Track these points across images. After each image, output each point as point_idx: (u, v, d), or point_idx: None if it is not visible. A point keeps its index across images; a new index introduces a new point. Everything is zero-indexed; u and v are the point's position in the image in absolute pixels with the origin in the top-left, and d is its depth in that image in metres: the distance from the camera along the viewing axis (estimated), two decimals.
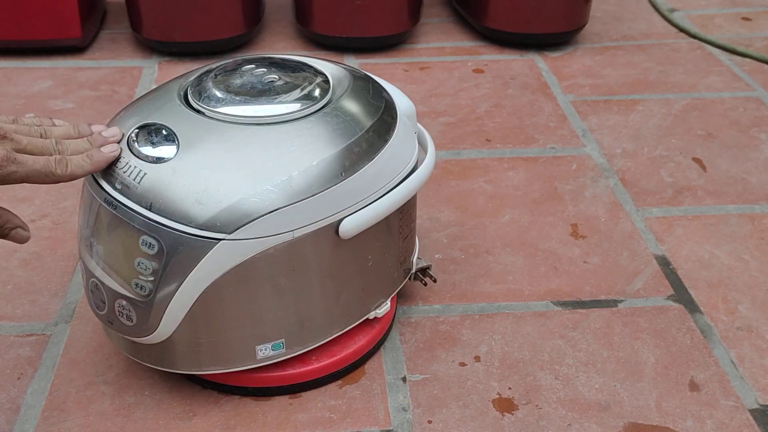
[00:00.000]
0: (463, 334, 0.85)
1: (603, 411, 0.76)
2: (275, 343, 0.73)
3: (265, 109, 0.70)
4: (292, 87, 0.73)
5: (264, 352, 0.73)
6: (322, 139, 0.69)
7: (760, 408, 0.77)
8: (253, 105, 0.71)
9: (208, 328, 0.70)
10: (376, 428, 0.74)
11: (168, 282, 0.66)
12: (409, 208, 0.79)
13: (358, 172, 0.69)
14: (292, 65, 0.77)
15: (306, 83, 0.73)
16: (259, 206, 0.65)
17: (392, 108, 0.77)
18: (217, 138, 0.68)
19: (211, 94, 0.72)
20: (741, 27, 1.59)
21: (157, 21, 1.40)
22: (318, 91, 0.73)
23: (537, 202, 1.06)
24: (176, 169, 0.66)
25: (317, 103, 0.72)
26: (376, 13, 1.41)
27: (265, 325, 0.72)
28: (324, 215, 0.68)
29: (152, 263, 0.66)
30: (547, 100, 1.31)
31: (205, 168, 0.66)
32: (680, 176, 1.12)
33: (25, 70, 1.38)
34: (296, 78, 0.74)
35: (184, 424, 0.74)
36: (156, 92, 0.76)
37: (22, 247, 0.96)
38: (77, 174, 0.65)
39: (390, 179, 0.73)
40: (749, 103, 1.30)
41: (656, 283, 0.92)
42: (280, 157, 0.67)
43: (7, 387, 0.78)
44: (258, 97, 0.71)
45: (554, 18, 1.45)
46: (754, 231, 1.01)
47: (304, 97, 0.72)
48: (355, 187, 0.69)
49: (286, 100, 0.71)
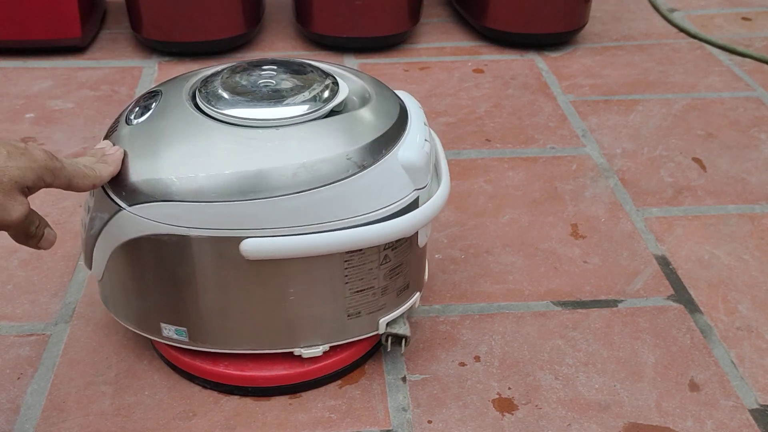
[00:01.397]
0: (463, 334, 0.85)
1: (603, 411, 0.76)
2: (178, 329, 0.74)
3: (274, 112, 0.70)
4: (300, 90, 0.72)
5: (167, 332, 0.75)
6: (266, 156, 0.67)
7: (760, 408, 0.77)
8: (261, 107, 0.70)
9: (117, 287, 0.75)
10: (376, 428, 0.74)
11: (92, 231, 0.72)
12: (370, 261, 0.71)
13: (270, 198, 0.66)
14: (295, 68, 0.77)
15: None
16: (156, 192, 0.67)
17: (378, 144, 0.70)
18: (187, 130, 0.70)
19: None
20: (741, 27, 1.59)
21: (157, 21, 1.40)
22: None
23: (537, 202, 1.06)
24: (133, 132, 0.71)
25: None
26: (376, 13, 1.41)
27: (164, 307, 0.74)
28: (225, 226, 0.67)
29: (89, 204, 0.73)
30: (547, 100, 1.31)
31: (154, 141, 0.70)
32: (680, 176, 1.12)
33: (25, 70, 1.38)
34: (306, 81, 0.73)
35: (184, 424, 0.74)
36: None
37: (22, 247, 0.96)
38: (105, 175, 0.68)
39: (339, 218, 0.68)
40: (749, 103, 1.30)
41: (656, 283, 0.92)
42: (218, 155, 0.68)
43: (7, 387, 0.78)
44: (265, 99, 0.71)
45: (554, 18, 1.45)
46: (754, 231, 1.01)
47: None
48: (265, 211, 0.66)
49: (293, 102, 0.71)
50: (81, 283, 0.91)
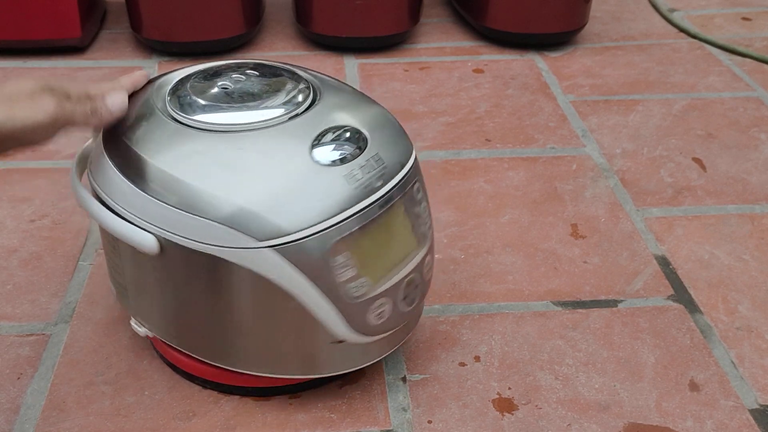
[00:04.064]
0: (463, 334, 0.85)
1: (603, 411, 0.76)
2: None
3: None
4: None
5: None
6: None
7: (760, 408, 0.77)
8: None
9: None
10: (376, 428, 0.74)
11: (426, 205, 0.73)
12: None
13: None
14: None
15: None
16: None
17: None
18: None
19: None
20: (741, 27, 1.59)
21: (157, 21, 1.40)
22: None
23: (537, 202, 1.06)
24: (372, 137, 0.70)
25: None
26: (376, 13, 1.41)
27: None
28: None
29: (424, 202, 0.73)
30: (547, 100, 1.31)
31: None
32: (680, 176, 1.12)
33: (25, 70, 1.38)
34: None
35: (184, 424, 0.74)
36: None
37: (22, 247, 0.96)
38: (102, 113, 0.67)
39: None
40: (749, 103, 1.30)
41: (656, 283, 0.92)
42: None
43: (7, 387, 0.78)
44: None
45: (554, 18, 1.45)
46: (754, 231, 1.01)
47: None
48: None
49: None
50: (81, 283, 0.91)
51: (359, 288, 0.67)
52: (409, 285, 0.71)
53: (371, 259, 0.68)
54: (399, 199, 0.69)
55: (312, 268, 0.65)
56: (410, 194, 0.70)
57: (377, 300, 0.69)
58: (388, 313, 0.70)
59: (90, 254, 0.95)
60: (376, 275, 0.68)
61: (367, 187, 0.66)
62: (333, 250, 0.65)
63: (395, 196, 0.68)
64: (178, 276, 0.70)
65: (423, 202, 0.72)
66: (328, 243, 0.65)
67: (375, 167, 0.67)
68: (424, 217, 0.72)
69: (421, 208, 0.72)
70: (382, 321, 0.70)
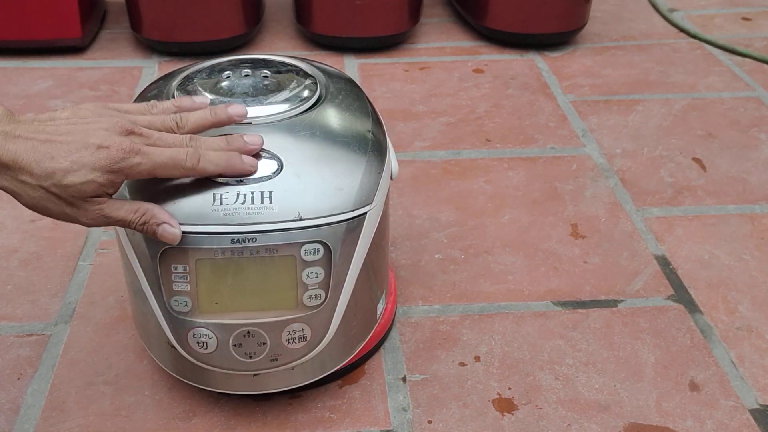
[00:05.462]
0: (463, 334, 0.85)
1: (603, 411, 0.76)
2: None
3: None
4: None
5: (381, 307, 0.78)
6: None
7: (760, 408, 0.77)
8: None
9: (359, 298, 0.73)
10: (376, 428, 0.74)
11: (338, 275, 0.68)
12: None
13: None
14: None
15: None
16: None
17: None
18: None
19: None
20: (741, 27, 1.59)
21: (157, 21, 1.40)
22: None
23: (537, 202, 1.06)
24: (299, 173, 0.66)
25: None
26: (376, 13, 1.41)
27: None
28: None
29: (319, 267, 0.67)
30: (547, 100, 1.31)
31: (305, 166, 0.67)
32: (680, 176, 1.12)
33: (25, 70, 1.38)
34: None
35: (184, 424, 0.74)
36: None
37: (22, 247, 0.96)
38: (209, 170, 0.63)
39: None
40: (749, 103, 1.30)
41: (656, 283, 0.92)
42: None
43: (7, 387, 0.78)
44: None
45: (554, 18, 1.45)
46: (754, 231, 1.01)
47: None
48: None
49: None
50: (81, 283, 0.91)
51: (181, 304, 0.67)
52: (248, 336, 0.68)
53: (211, 285, 0.66)
54: (275, 252, 0.65)
55: (151, 261, 0.66)
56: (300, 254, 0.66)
57: (199, 327, 0.67)
58: (212, 348, 0.68)
59: (90, 254, 0.95)
60: (207, 304, 0.67)
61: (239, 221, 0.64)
62: (177, 257, 0.65)
63: (272, 245, 0.65)
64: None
65: (324, 271, 0.67)
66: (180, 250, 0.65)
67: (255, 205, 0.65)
68: (314, 289, 0.68)
69: (315, 277, 0.67)
70: (206, 351, 0.68)
